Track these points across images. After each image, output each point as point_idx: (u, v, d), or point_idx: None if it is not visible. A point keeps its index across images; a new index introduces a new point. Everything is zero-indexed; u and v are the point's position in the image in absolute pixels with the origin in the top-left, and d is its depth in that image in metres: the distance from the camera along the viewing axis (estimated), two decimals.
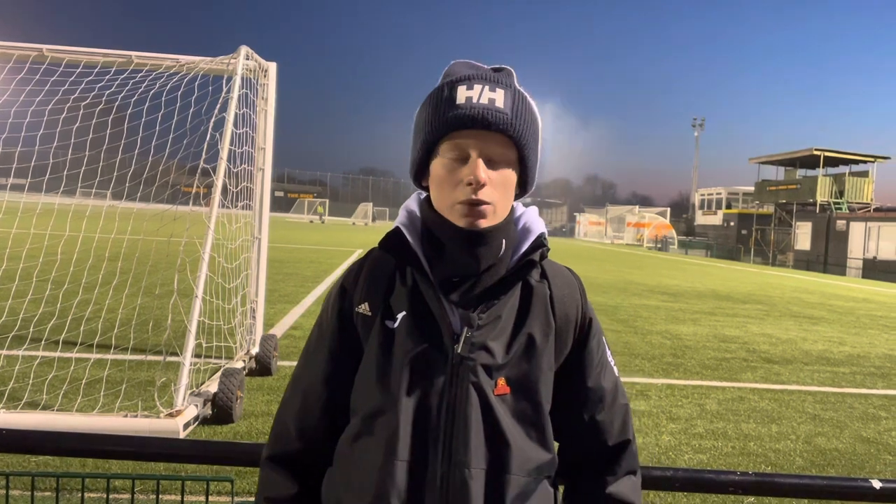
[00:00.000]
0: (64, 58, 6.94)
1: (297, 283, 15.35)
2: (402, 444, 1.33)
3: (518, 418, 1.38)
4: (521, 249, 1.43)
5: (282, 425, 1.51)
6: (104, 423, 4.79)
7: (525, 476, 1.36)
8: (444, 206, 1.38)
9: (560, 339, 1.44)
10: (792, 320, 14.98)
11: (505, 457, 1.34)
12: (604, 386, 1.50)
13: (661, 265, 35.66)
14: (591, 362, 1.49)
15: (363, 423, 1.39)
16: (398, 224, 1.45)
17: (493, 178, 1.34)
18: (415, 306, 1.39)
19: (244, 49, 6.88)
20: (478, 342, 1.36)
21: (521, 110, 1.36)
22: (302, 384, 1.51)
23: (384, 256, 1.46)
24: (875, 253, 38.60)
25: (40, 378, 5.95)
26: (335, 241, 36.57)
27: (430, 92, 1.41)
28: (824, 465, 5.63)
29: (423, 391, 1.35)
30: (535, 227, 1.47)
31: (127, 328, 6.86)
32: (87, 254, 6.67)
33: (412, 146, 1.45)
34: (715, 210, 63.26)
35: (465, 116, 1.33)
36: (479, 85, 1.35)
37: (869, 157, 45.87)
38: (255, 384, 6.74)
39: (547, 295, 1.45)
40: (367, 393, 1.40)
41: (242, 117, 6.85)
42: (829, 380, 8.98)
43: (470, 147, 1.34)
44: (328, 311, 1.50)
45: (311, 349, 1.53)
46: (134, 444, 2.37)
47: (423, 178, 1.46)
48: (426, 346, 1.36)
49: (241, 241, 7.20)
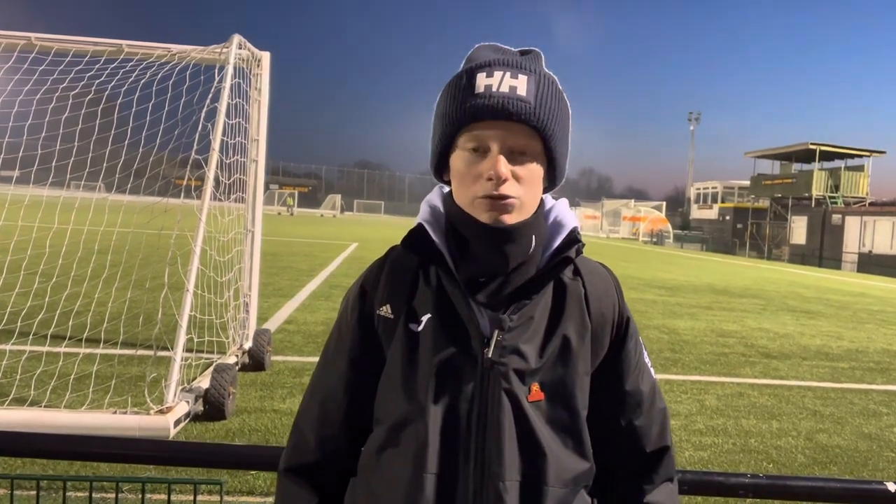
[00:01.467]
0: (53, 46, 6.80)
1: (292, 277, 15.25)
2: (431, 456, 1.24)
3: (554, 426, 1.29)
4: (553, 245, 1.33)
5: (300, 435, 1.43)
6: (93, 419, 4.69)
7: (562, 487, 1.27)
8: (465, 201, 1.28)
9: (596, 340, 1.35)
10: (789, 315, 14.93)
11: (541, 467, 1.26)
12: (642, 389, 1.41)
13: (657, 259, 35.65)
14: (629, 364, 1.40)
15: (388, 433, 1.30)
16: (421, 220, 1.34)
17: (516, 173, 1.24)
18: (440, 308, 1.30)
19: (237, 38, 6.75)
20: (509, 346, 1.27)
21: (546, 98, 1.25)
22: (320, 392, 1.42)
23: (406, 255, 1.36)
24: (870, 247, 38.65)
25: (28, 373, 5.83)
26: (330, 234, 36.46)
27: (449, 79, 1.30)
28: (827, 463, 5.55)
29: (451, 399, 1.26)
30: (567, 222, 1.36)
31: (117, 322, 6.74)
32: (77, 246, 6.54)
33: (431, 138, 1.35)
34: (710, 204, 63.29)
35: (484, 106, 1.22)
36: (499, 71, 1.24)
37: (864, 152, 45.94)
38: (247, 379, 6.63)
39: (582, 293, 1.35)
40: (391, 401, 1.31)
41: (235, 108, 6.73)
42: (828, 375, 8.92)
43: (490, 139, 1.24)
44: (347, 313, 1.40)
45: (329, 354, 1.43)
46: (119, 447, 2.26)
47: (444, 171, 1.35)
48: (454, 351, 1.27)
49: (233, 234, 7.08)
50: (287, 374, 6.99)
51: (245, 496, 4.13)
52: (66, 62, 6.68)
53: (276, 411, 5.79)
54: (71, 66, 6.70)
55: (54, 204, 6.58)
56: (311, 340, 8.71)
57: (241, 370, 6.79)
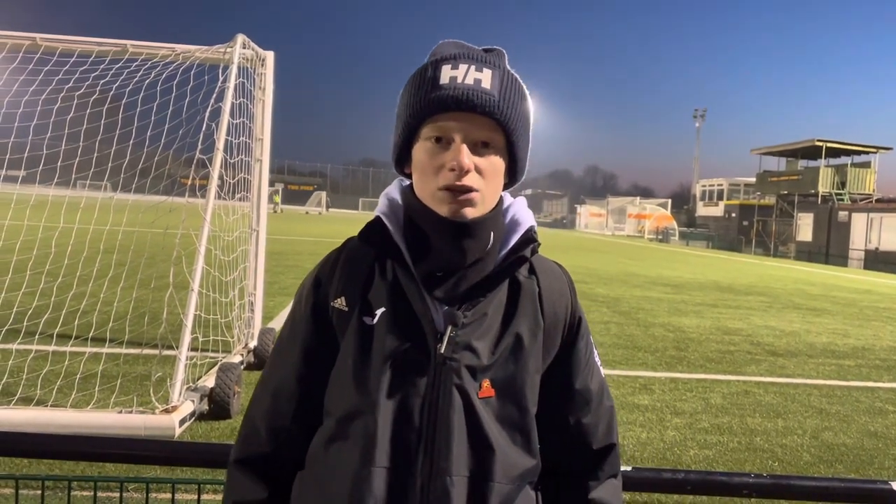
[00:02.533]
0: (58, 47, 6.81)
1: (297, 276, 15.25)
2: (381, 450, 1.24)
3: (503, 422, 1.29)
4: (510, 243, 1.34)
5: (251, 426, 1.42)
6: (98, 419, 4.71)
7: (508, 483, 1.28)
8: (426, 193, 1.28)
9: (548, 339, 1.36)
10: (795, 312, 14.89)
11: (489, 463, 1.26)
12: (591, 388, 1.42)
13: (663, 256, 35.57)
14: (579, 363, 1.42)
15: (338, 425, 1.30)
16: (378, 213, 1.34)
17: (478, 165, 1.25)
18: (395, 302, 1.30)
19: (241, 37, 6.75)
20: (462, 342, 1.27)
21: (509, 93, 1.26)
22: (273, 382, 1.41)
23: (362, 247, 1.36)
24: (877, 244, 38.50)
25: (35, 373, 5.85)
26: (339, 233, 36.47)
27: (413, 72, 1.31)
28: (832, 461, 5.54)
29: (403, 393, 1.26)
30: (524, 220, 1.37)
31: (122, 322, 6.77)
32: (82, 246, 6.55)
33: (394, 129, 1.35)
34: (716, 201, 63.15)
35: (448, 97, 1.23)
36: (464, 64, 1.25)
37: (871, 148, 45.74)
38: (253, 378, 6.64)
39: (536, 292, 1.36)
40: (342, 394, 1.31)
41: (239, 107, 6.73)
42: (834, 373, 8.89)
43: (453, 130, 1.24)
44: (301, 304, 1.40)
45: (282, 344, 1.43)
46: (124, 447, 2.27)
47: (405, 163, 1.35)
48: (408, 346, 1.27)
49: (238, 234, 7.09)
50: None
51: None
52: (70, 62, 6.70)
53: None
54: (76, 66, 6.71)
55: (60, 203, 6.59)
56: None
57: (247, 369, 6.80)
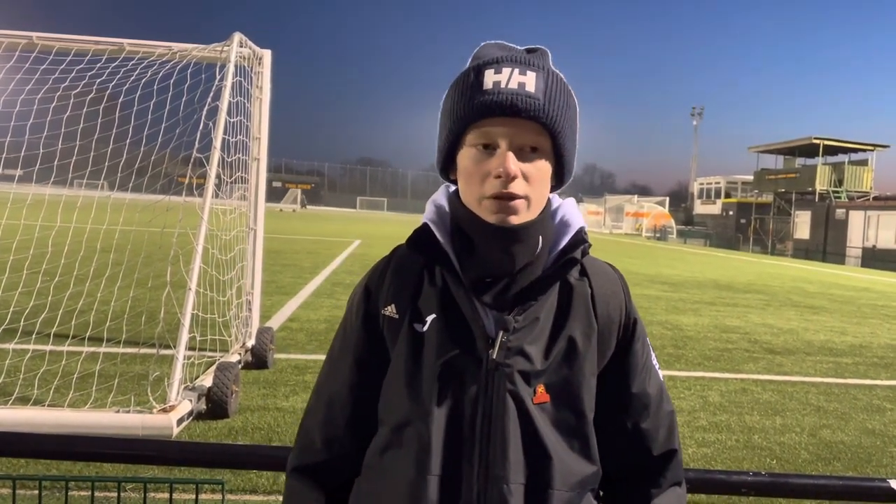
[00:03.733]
0: (54, 45, 6.79)
1: (295, 275, 15.25)
2: (435, 458, 1.23)
3: (559, 428, 1.28)
4: (560, 245, 1.32)
5: (307, 435, 1.43)
6: (96, 418, 4.70)
7: (568, 490, 1.26)
8: (472, 200, 1.26)
9: (603, 341, 1.34)
10: (793, 310, 14.90)
11: (546, 471, 1.24)
12: (649, 392, 1.39)
13: (660, 255, 35.60)
14: (636, 366, 1.39)
15: (392, 433, 1.30)
16: (426, 220, 1.33)
17: (525, 170, 1.23)
18: (445, 309, 1.29)
19: (238, 36, 6.73)
20: (514, 347, 1.25)
21: (555, 95, 1.24)
22: (326, 392, 1.42)
23: (411, 255, 1.35)
24: (874, 241, 38.56)
25: (31, 372, 5.84)
26: (333, 231, 36.46)
27: (456, 76, 1.29)
28: (830, 459, 5.54)
29: (455, 400, 1.25)
30: (574, 221, 1.35)
31: (119, 321, 6.76)
32: (79, 245, 6.54)
33: (438, 135, 1.33)
34: (714, 199, 63.18)
35: (493, 103, 1.21)
36: (508, 68, 1.23)
37: (868, 146, 45.80)
38: (250, 378, 6.64)
39: (588, 294, 1.34)
40: (395, 402, 1.30)
41: (236, 106, 6.71)
42: (832, 370, 8.90)
43: (499, 136, 1.22)
44: (352, 313, 1.40)
45: (334, 354, 1.43)
46: (121, 447, 2.26)
47: (450, 170, 1.34)
48: (458, 352, 1.26)
49: (235, 232, 7.08)
50: (290, 372, 7.00)
51: (248, 495, 4.14)
52: (67, 61, 6.67)
53: (279, 409, 5.79)
54: (72, 65, 6.69)
55: (57, 203, 6.58)
56: (314, 338, 8.72)
57: (244, 368, 6.80)
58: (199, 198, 5.82)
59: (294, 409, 5.81)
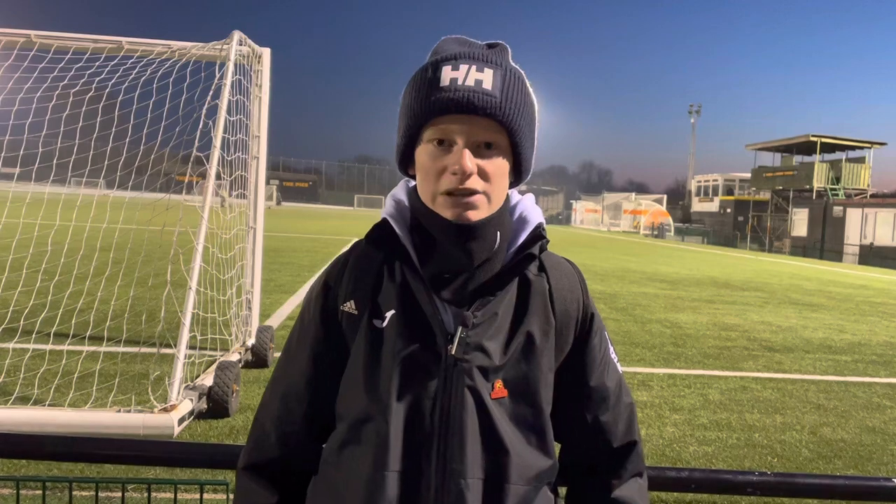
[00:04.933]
0: (53, 44, 6.76)
1: (294, 273, 15.24)
2: (393, 454, 1.23)
3: (517, 423, 1.28)
4: (518, 241, 1.33)
5: (260, 431, 1.41)
6: (97, 418, 4.68)
7: (525, 484, 1.27)
8: (428, 196, 1.27)
9: (560, 336, 1.35)
10: (791, 307, 14.92)
11: (503, 465, 1.25)
12: (607, 385, 1.40)
13: (658, 252, 35.61)
14: (594, 360, 1.39)
15: (350, 429, 1.30)
16: (385, 215, 1.33)
17: (482, 167, 1.23)
18: (405, 304, 1.29)
19: (237, 34, 6.71)
20: (473, 342, 1.26)
21: (512, 92, 1.24)
22: (282, 387, 1.41)
23: (371, 250, 1.35)
24: (872, 239, 38.62)
25: (32, 372, 5.83)
26: (332, 229, 36.43)
27: (414, 72, 1.29)
28: (831, 457, 5.54)
29: (414, 396, 1.25)
30: (532, 217, 1.35)
31: (120, 320, 6.74)
32: (79, 244, 6.52)
33: (397, 131, 1.33)
34: (711, 197, 63.24)
35: (449, 100, 1.20)
36: (465, 64, 1.22)
37: (866, 143, 45.87)
38: (251, 376, 6.63)
39: (546, 289, 1.34)
40: (353, 398, 1.30)
41: (236, 104, 6.69)
42: (831, 368, 8.91)
43: (455, 133, 1.22)
44: (310, 308, 1.39)
45: (292, 349, 1.42)
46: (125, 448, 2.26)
47: (408, 165, 1.34)
48: (417, 348, 1.26)
49: (235, 231, 7.07)
50: None
51: None
52: (65, 60, 6.65)
53: None
54: (71, 63, 6.66)
55: (56, 201, 6.56)
56: None
57: (245, 367, 6.79)
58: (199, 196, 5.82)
59: None
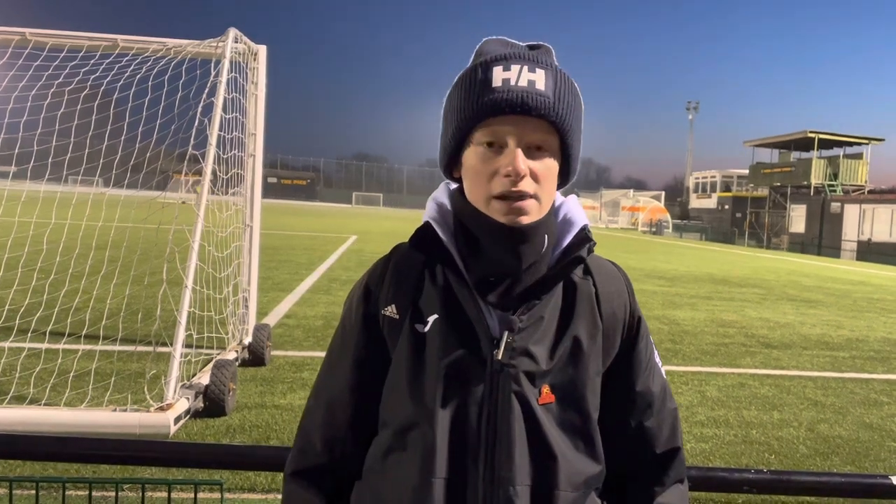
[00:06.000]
0: (47, 42, 6.75)
1: (291, 271, 15.21)
2: (440, 461, 1.22)
3: (565, 429, 1.27)
4: (564, 244, 1.31)
5: (306, 438, 1.40)
6: (93, 417, 4.67)
7: (573, 490, 1.25)
8: (479, 199, 1.24)
9: (607, 340, 1.33)
10: (789, 304, 14.92)
11: (552, 471, 1.23)
12: (653, 390, 1.39)
13: (657, 249, 35.63)
14: (640, 365, 1.38)
15: (395, 436, 1.28)
16: (428, 218, 1.31)
17: (533, 169, 1.21)
18: (448, 308, 1.27)
19: (233, 32, 6.69)
20: (519, 347, 1.24)
21: (563, 93, 1.22)
22: (326, 394, 1.39)
23: (411, 253, 1.33)
24: (870, 235, 38.65)
25: (28, 371, 5.81)
26: (329, 227, 36.39)
27: (460, 73, 1.27)
28: (829, 454, 5.54)
29: (460, 402, 1.23)
30: (577, 219, 1.33)
31: (116, 319, 6.70)
32: (75, 242, 6.51)
33: (442, 133, 1.31)
34: (709, 193, 63.28)
35: (503, 101, 1.18)
36: (517, 65, 1.21)
37: (863, 139, 45.89)
38: (248, 375, 6.62)
39: (592, 293, 1.33)
40: (397, 404, 1.28)
41: (232, 102, 6.68)
42: (829, 364, 8.91)
43: (508, 135, 1.20)
44: (351, 313, 1.37)
45: (334, 355, 1.40)
46: (117, 448, 2.25)
47: (454, 168, 1.31)
48: (462, 353, 1.24)
49: (232, 229, 7.05)
50: (287, 369, 6.98)
51: (246, 493, 4.12)
52: (61, 57, 6.63)
53: (276, 407, 5.77)
54: (66, 61, 6.64)
55: (52, 200, 6.54)
56: (310, 335, 8.69)
57: (241, 366, 6.78)
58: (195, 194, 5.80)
59: (291, 406, 5.79)
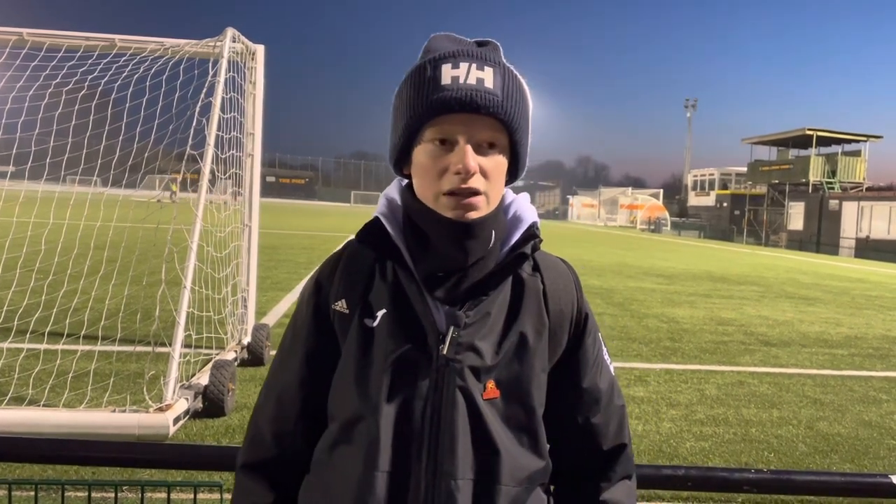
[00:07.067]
0: (45, 42, 6.74)
1: (290, 270, 15.21)
2: (383, 454, 1.22)
3: (509, 424, 1.27)
4: (512, 240, 1.31)
5: (256, 431, 1.42)
6: (92, 418, 4.67)
7: (516, 485, 1.26)
8: (429, 195, 1.25)
9: (554, 337, 1.33)
10: (788, 301, 14.94)
11: (494, 466, 1.24)
12: (600, 387, 1.39)
13: (655, 247, 35.64)
14: (587, 361, 1.38)
15: (341, 429, 1.29)
16: (377, 214, 1.33)
17: (483, 166, 1.21)
18: (396, 304, 1.28)
19: (230, 31, 6.69)
20: (465, 342, 1.25)
21: (511, 90, 1.23)
22: (276, 387, 1.41)
23: (363, 249, 1.35)
24: (868, 232, 38.67)
25: (26, 372, 5.80)
26: (329, 226, 36.38)
27: (409, 70, 1.27)
28: (828, 452, 5.55)
29: (405, 396, 1.24)
30: (526, 216, 1.34)
31: (115, 319, 6.70)
32: (73, 243, 6.49)
33: (392, 130, 1.31)
34: (708, 191, 63.27)
35: (452, 99, 1.19)
36: (465, 63, 1.21)
37: (861, 137, 45.89)
38: (247, 375, 6.61)
39: (540, 289, 1.33)
40: (344, 398, 1.29)
41: (230, 102, 6.67)
42: (827, 362, 8.92)
43: (457, 132, 1.21)
44: (302, 308, 1.39)
45: (285, 350, 1.42)
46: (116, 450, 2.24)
47: (404, 165, 1.32)
48: (409, 347, 1.25)
49: (230, 229, 7.04)
50: None
51: None
52: (58, 57, 6.63)
53: None
54: (63, 61, 6.64)
55: (49, 200, 6.53)
56: None
57: (240, 366, 6.77)
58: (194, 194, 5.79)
59: None
